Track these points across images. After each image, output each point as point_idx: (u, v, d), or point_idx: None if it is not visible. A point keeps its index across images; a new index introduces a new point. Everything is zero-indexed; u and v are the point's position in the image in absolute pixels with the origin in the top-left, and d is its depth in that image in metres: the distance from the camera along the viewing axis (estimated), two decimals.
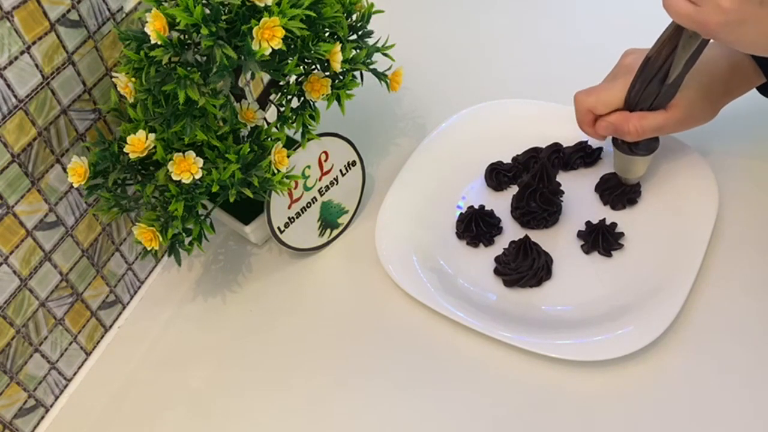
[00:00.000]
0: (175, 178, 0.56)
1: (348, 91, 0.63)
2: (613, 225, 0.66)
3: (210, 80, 0.53)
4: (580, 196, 0.70)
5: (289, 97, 0.63)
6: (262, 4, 0.52)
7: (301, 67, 0.61)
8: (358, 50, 0.63)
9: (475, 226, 0.68)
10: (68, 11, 0.57)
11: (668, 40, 0.58)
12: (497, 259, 0.66)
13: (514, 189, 0.71)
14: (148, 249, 0.59)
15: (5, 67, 0.53)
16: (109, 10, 0.61)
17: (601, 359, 0.57)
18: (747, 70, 0.64)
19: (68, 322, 0.64)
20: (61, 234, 0.62)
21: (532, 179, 0.67)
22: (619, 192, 0.68)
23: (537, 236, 0.66)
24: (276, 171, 0.60)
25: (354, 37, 0.65)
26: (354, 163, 0.71)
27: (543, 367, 0.59)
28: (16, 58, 0.53)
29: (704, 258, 0.61)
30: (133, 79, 0.57)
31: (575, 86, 0.67)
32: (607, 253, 0.65)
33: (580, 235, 0.67)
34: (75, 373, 0.67)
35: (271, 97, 0.65)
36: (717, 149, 0.70)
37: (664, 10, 0.52)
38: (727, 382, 0.56)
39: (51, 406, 0.65)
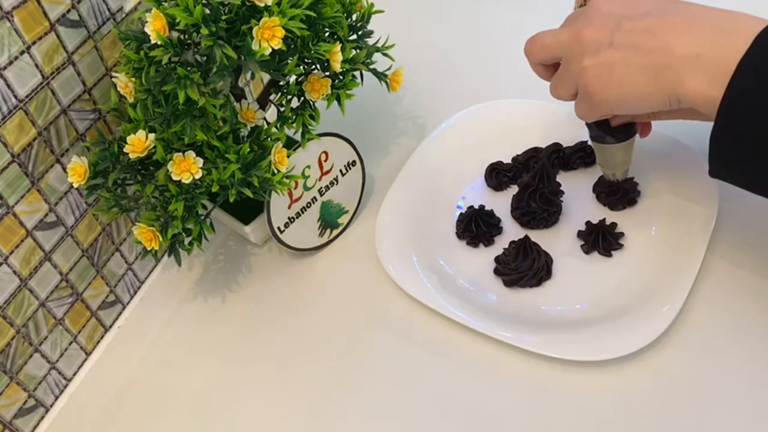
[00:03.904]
0: (175, 178, 0.56)
1: (348, 91, 0.63)
2: (613, 225, 0.66)
3: (210, 80, 0.53)
4: (580, 196, 0.70)
5: (289, 97, 0.63)
6: (262, 4, 0.52)
7: (301, 67, 0.61)
8: (358, 50, 0.63)
9: (475, 226, 0.68)
10: (68, 11, 0.57)
11: None
12: (497, 259, 0.66)
13: (514, 189, 0.71)
14: (148, 249, 0.59)
15: (5, 67, 0.53)
16: (109, 10, 0.61)
17: (601, 359, 0.57)
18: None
19: (68, 322, 0.64)
20: (61, 234, 0.62)
21: (532, 179, 0.67)
22: (618, 192, 0.68)
23: (537, 236, 0.66)
24: (276, 171, 0.60)
25: (354, 37, 0.65)
26: (354, 163, 0.71)
27: (543, 367, 0.59)
28: (16, 58, 0.53)
29: (704, 258, 0.61)
30: (133, 79, 0.57)
31: None
32: (607, 253, 0.65)
33: (580, 235, 0.67)
34: (75, 373, 0.67)
35: (271, 97, 0.65)
36: None
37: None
38: (726, 383, 0.56)
39: (51, 406, 0.65)
